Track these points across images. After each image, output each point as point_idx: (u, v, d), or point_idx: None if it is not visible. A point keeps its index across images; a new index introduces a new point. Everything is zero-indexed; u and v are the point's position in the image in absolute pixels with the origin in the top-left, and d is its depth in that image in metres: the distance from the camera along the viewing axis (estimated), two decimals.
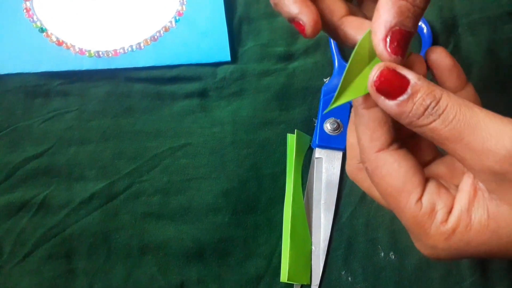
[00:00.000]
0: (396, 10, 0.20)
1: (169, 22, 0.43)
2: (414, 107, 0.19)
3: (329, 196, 0.37)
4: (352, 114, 0.24)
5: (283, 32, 0.43)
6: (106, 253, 0.36)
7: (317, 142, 0.38)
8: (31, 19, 0.42)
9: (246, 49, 0.42)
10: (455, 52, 0.41)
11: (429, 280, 0.33)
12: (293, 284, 0.35)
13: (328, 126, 0.38)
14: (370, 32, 0.21)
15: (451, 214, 0.20)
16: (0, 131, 0.39)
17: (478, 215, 0.19)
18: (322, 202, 0.37)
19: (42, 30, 0.42)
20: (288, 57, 0.42)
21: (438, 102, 0.19)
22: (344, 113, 0.38)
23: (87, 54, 0.41)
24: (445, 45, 0.42)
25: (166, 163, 0.38)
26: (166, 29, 0.42)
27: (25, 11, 0.42)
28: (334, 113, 0.38)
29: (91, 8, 0.43)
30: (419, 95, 0.19)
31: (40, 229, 0.36)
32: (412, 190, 0.20)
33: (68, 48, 0.41)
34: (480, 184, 0.20)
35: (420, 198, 0.20)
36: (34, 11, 0.43)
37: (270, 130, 0.40)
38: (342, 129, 0.38)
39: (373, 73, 0.19)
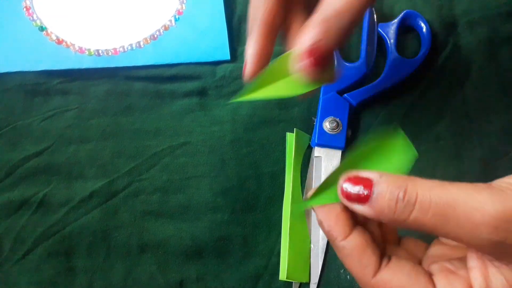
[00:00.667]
0: (319, 29, 0.23)
1: (169, 21, 0.43)
2: (386, 203, 0.19)
3: None
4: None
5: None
6: (105, 251, 0.36)
7: (316, 141, 0.38)
8: (31, 18, 0.42)
9: (245, 47, 0.42)
10: (454, 51, 0.41)
11: None
12: (292, 282, 0.35)
13: (327, 125, 0.38)
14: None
15: None
16: (0, 129, 0.39)
17: (499, 285, 0.19)
18: None
19: (42, 28, 0.42)
20: None
21: (405, 192, 0.19)
22: (343, 112, 0.38)
23: (87, 53, 0.41)
24: (444, 44, 0.42)
25: (165, 161, 0.38)
26: (166, 28, 0.42)
27: (25, 9, 0.43)
28: (333, 112, 0.38)
29: (91, 7, 0.43)
30: (384, 190, 0.19)
31: (40, 227, 0.36)
32: None
33: (68, 46, 0.41)
34: (487, 255, 0.19)
35: None
36: (34, 9, 0.43)
37: (269, 128, 0.40)
38: (341, 128, 0.38)
39: (340, 184, 0.20)
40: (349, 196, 0.20)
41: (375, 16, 0.41)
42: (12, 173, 0.37)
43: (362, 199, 0.20)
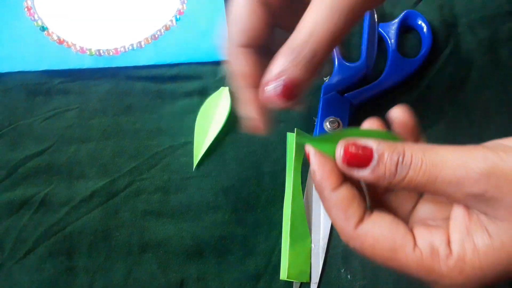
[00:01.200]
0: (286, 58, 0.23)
1: (169, 20, 0.43)
2: (387, 168, 0.20)
3: None
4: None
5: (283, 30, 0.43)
6: (106, 251, 0.36)
7: None
8: (32, 18, 0.42)
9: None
10: (455, 51, 0.41)
11: None
12: (293, 282, 0.35)
13: (328, 125, 0.38)
14: None
15: (452, 243, 0.20)
16: (1, 129, 0.39)
17: (480, 237, 0.19)
18: None
19: (43, 28, 0.42)
20: None
21: (404, 155, 0.20)
22: (344, 112, 0.38)
23: (88, 53, 0.41)
24: (445, 44, 0.42)
25: (166, 161, 0.38)
26: (167, 28, 0.42)
27: (26, 9, 0.43)
28: (334, 111, 0.38)
29: (92, 7, 0.43)
30: (385, 156, 0.20)
31: (41, 227, 0.36)
32: (403, 242, 0.20)
33: (69, 46, 0.41)
34: (473, 210, 0.20)
35: (415, 245, 0.20)
36: (35, 9, 0.43)
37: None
38: (342, 128, 0.38)
39: (338, 151, 0.22)
40: (350, 162, 0.21)
41: (375, 16, 0.41)
42: (13, 172, 0.38)
43: (362, 165, 0.21)
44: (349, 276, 0.35)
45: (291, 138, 0.39)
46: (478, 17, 0.42)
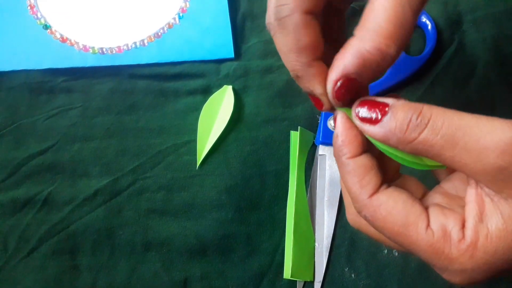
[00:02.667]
0: (359, 61, 0.20)
1: (172, 19, 0.43)
2: (398, 123, 0.19)
3: (333, 193, 0.37)
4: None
5: None
6: (110, 249, 0.36)
7: (320, 139, 0.38)
8: (35, 16, 0.42)
9: (249, 45, 0.42)
10: (460, 49, 0.41)
11: (432, 277, 0.33)
12: (296, 280, 0.35)
13: (331, 123, 0.38)
14: None
15: (466, 229, 0.19)
16: (5, 127, 0.39)
17: (494, 221, 0.19)
18: (326, 199, 0.37)
19: (46, 27, 0.42)
20: None
21: (420, 113, 0.19)
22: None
23: (91, 51, 0.41)
24: (450, 42, 0.41)
25: (169, 159, 0.38)
26: (170, 26, 0.42)
27: (29, 8, 0.43)
28: None
29: (95, 5, 0.43)
30: (399, 111, 0.19)
31: (45, 225, 0.36)
32: (417, 220, 0.20)
33: (72, 44, 0.41)
34: (486, 190, 0.19)
35: (428, 225, 0.19)
36: (38, 8, 0.43)
37: (273, 127, 0.40)
38: None
39: (355, 106, 0.21)
40: (362, 117, 0.20)
41: None
42: (16, 171, 0.38)
43: (374, 120, 0.20)
44: (353, 275, 0.35)
45: (295, 137, 0.39)
46: (483, 15, 0.42)
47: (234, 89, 0.40)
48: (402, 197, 0.20)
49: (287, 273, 0.35)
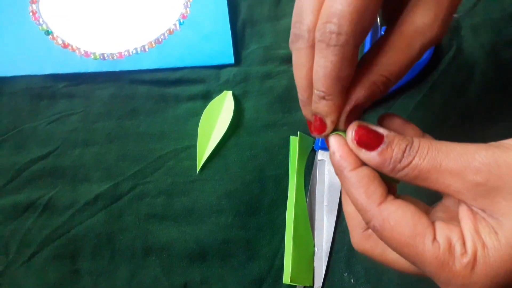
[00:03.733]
0: (369, 93, 0.22)
1: (173, 25, 0.43)
2: (394, 152, 0.21)
3: (332, 198, 0.37)
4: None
5: (286, 34, 0.42)
6: (110, 254, 0.36)
7: (319, 144, 0.38)
8: (37, 22, 0.43)
9: (249, 51, 0.43)
10: (458, 55, 0.41)
11: (431, 283, 0.33)
12: (296, 285, 0.35)
13: None
14: None
15: (466, 242, 0.20)
16: (7, 132, 0.39)
17: (487, 233, 0.19)
18: (325, 204, 0.37)
19: (48, 32, 0.42)
20: (291, 60, 0.42)
21: (412, 144, 0.21)
22: None
23: (92, 57, 0.42)
24: (448, 47, 0.42)
25: (170, 164, 0.39)
26: (171, 32, 0.43)
27: (31, 14, 0.43)
28: None
29: (96, 11, 0.44)
30: (395, 141, 0.21)
31: (46, 230, 0.36)
32: (424, 231, 0.20)
33: (73, 50, 0.42)
34: (474, 208, 0.20)
35: (434, 238, 0.20)
36: (40, 14, 0.43)
37: (273, 132, 0.40)
38: None
39: (350, 131, 0.22)
40: (360, 141, 0.21)
41: (378, 19, 0.41)
42: (18, 176, 0.38)
43: (371, 146, 0.21)
44: (352, 280, 0.35)
45: (294, 142, 0.39)
46: (481, 21, 0.42)
47: (234, 95, 0.41)
48: (410, 208, 0.21)
49: (286, 278, 0.35)
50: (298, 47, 0.22)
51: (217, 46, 0.42)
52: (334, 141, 0.22)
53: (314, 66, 0.21)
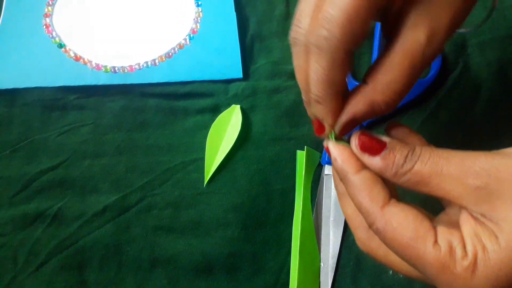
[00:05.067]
0: (369, 109, 0.22)
1: (183, 39, 0.44)
2: (396, 158, 0.21)
3: (338, 213, 0.37)
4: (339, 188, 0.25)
5: None
6: (117, 265, 0.36)
7: (326, 159, 0.39)
8: (50, 35, 0.44)
9: (257, 66, 0.43)
10: (464, 72, 0.42)
11: None
12: None
13: None
14: None
15: (467, 245, 0.20)
16: (18, 143, 0.40)
17: (487, 237, 0.20)
18: (331, 219, 0.37)
19: (60, 45, 0.43)
20: None
21: (413, 150, 0.21)
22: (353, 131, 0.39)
23: (104, 70, 0.42)
24: (455, 65, 0.42)
25: (177, 177, 0.39)
26: (181, 47, 0.43)
27: (44, 27, 0.44)
28: None
29: (108, 25, 0.44)
30: (397, 148, 0.21)
31: (54, 240, 0.36)
32: (426, 234, 0.20)
33: (85, 63, 0.43)
34: (474, 213, 0.20)
35: (436, 241, 0.20)
36: (53, 27, 0.44)
37: (280, 146, 0.40)
38: None
39: (354, 138, 0.23)
40: (363, 146, 0.22)
41: None
42: (28, 186, 0.38)
43: (374, 151, 0.22)
44: None
45: (301, 156, 0.40)
46: (487, 38, 0.43)
47: (242, 109, 0.41)
48: (412, 211, 0.21)
49: None
50: (296, 50, 0.22)
51: (226, 61, 0.43)
52: (333, 148, 0.23)
53: (308, 70, 0.22)
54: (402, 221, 0.21)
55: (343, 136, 0.24)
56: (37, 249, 0.36)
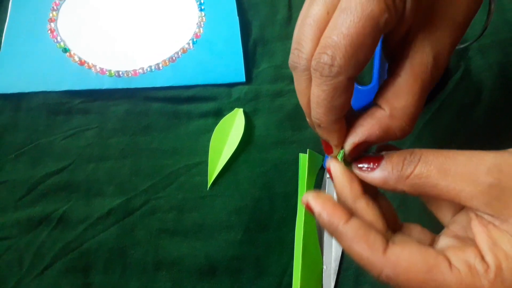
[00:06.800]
0: (383, 135, 0.22)
1: (187, 44, 0.44)
2: (394, 164, 0.21)
3: None
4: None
5: None
6: (121, 268, 0.36)
7: None
8: (55, 40, 0.44)
9: (260, 70, 0.44)
10: (466, 75, 0.42)
11: None
12: None
13: None
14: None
15: (485, 256, 0.19)
16: (24, 146, 0.40)
17: (506, 242, 0.19)
18: None
19: (65, 50, 0.44)
20: None
21: (412, 152, 0.21)
22: None
23: (108, 74, 0.43)
24: (456, 68, 0.42)
25: (181, 180, 0.39)
26: (184, 51, 0.44)
27: (49, 32, 0.44)
28: None
29: (112, 30, 0.45)
30: (395, 155, 0.21)
31: (59, 243, 0.37)
32: (437, 262, 0.20)
33: (89, 67, 0.43)
34: (486, 217, 0.20)
35: (450, 264, 0.20)
36: (58, 32, 0.45)
37: (283, 149, 0.41)
38: None
39: (353, 163, 0.23)
40: (362, 164, 0.22)
41: None
42: (33, 189, 0.39)
43: (373, 166, 0.22)
44: None
45: (304, 159, 0.40)
46: (488, 42, 0.43)
47: (245, 112, 0.41)
48: (413, 245, 0.20)
49: None
50: (298, 74, 0.22)
51: (229, 65, 0.43)
52: (314, 203, 0.22)
53: (310, 93, 0.21)
54: (409, 259, 0.20)
55: (351, 159, 0.23)
56: (42, 252, 0.37)
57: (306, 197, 0.22)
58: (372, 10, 0.19)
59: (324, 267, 0.37)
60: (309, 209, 0.22)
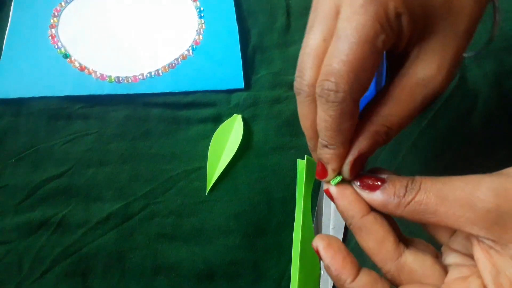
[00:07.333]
0: (372, 143, 0.22)
1: (186, 50, 0.45)
2: (396, 188, 0.21)
3: (338, 222, 0.38)
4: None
5: (294, 61, 0.44)
6: (120, 272, 0.37)
7: None
8: (56, 46, 0.45)
9: (259, 77, 0.44)
10: (461, 83, 0.42)
11: None
12: None
13: None
14: None
15: (488, 286, 0.19)
16: (23, 151, 0.40)
17: (508, 267, 0.19)
18: (331, 227, 0.38)
19: (65, 56, 0.44)
20: None
21: (413, 180, 0.21)
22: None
23: (108, 80, 0.43)
24: None
25: (180, 185, 0.40)
26: (184, 57, 0.44)
27: (50, 38, 0.45)
28: None
29: (112, 36, 0.45)
30: (397, 180, 0.21)
31: (58, 247, 0.37)
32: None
33: (90, 73, 0.43)
34: (487, 242, 0.20)
35: None
36: (59, 38, 0.45)
37: (281, 155, 0.41)
38: None
39: (355, 181, 0.23)
40: (363, 183, 0.22)
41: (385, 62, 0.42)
42: (33, 194, 0.39)
43: (374, 188, 0.22)
44: None
45: (301, 165, 0.40)
46: (484, 50, 0.44)
47: (243, 118, 0.42)
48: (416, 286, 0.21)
49: None
50: (301, 99, 0.23)
51: (228, 71, 0.44)
52: (325, 254, 0.22)
53: (317, 118, 0.22)
54: (418, 267, 0.21)
55: (352, 177, 0.23)
56: (41, 256, 0.37)
57: (317, 243, 0.23)
58: (367, 34, 0.19)
59: (322, 271, 0.37)
60: (318, 255, 0.23)
